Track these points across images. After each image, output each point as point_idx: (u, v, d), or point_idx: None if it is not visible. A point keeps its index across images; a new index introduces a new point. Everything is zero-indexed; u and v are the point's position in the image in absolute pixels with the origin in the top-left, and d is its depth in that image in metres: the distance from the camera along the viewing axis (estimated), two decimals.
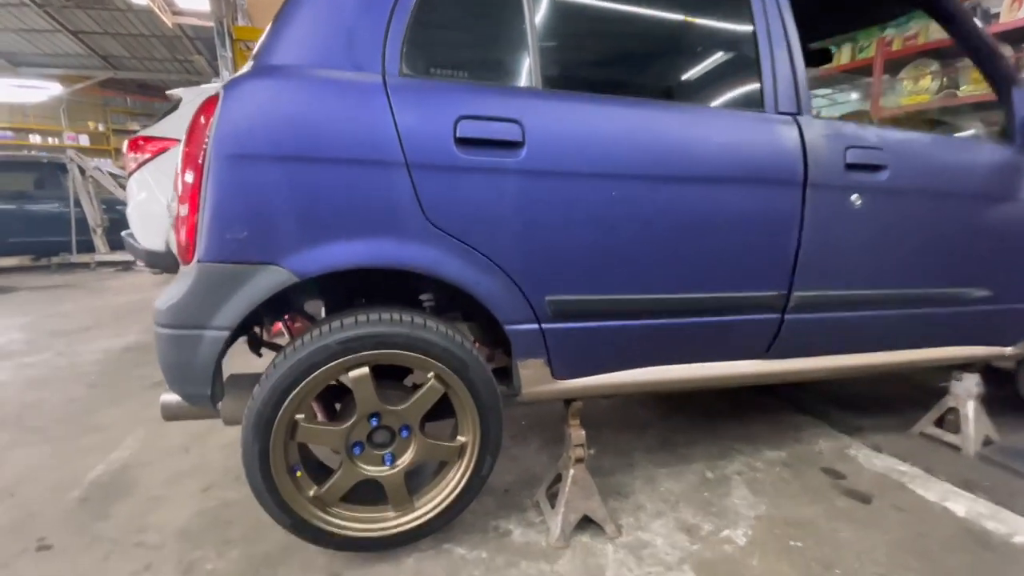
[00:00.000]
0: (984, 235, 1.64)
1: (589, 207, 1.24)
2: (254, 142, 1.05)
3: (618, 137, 1.25)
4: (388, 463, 1.27)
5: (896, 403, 2.33)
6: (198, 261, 1.08)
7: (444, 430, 1.38)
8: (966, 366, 1.89)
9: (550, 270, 1.25)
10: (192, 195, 1.08)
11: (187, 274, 1.10)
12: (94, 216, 6.67)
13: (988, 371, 1.98)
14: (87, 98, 11.10)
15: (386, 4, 1.15)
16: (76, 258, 6.82)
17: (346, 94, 1.10)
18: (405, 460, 1.28)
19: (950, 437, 1.92)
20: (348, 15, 1.13)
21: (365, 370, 1.19)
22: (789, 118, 1.41)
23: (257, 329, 1.47)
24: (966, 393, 1.89)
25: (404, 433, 1.26)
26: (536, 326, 1.28)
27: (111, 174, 6.89)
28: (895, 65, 3.35)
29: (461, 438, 1.31)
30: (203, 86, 3.85)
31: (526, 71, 1.26)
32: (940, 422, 2.00)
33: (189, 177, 1.09)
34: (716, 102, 1.45)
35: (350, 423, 1.21)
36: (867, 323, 1.58)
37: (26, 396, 2.49)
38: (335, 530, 1.25)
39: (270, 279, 1.09)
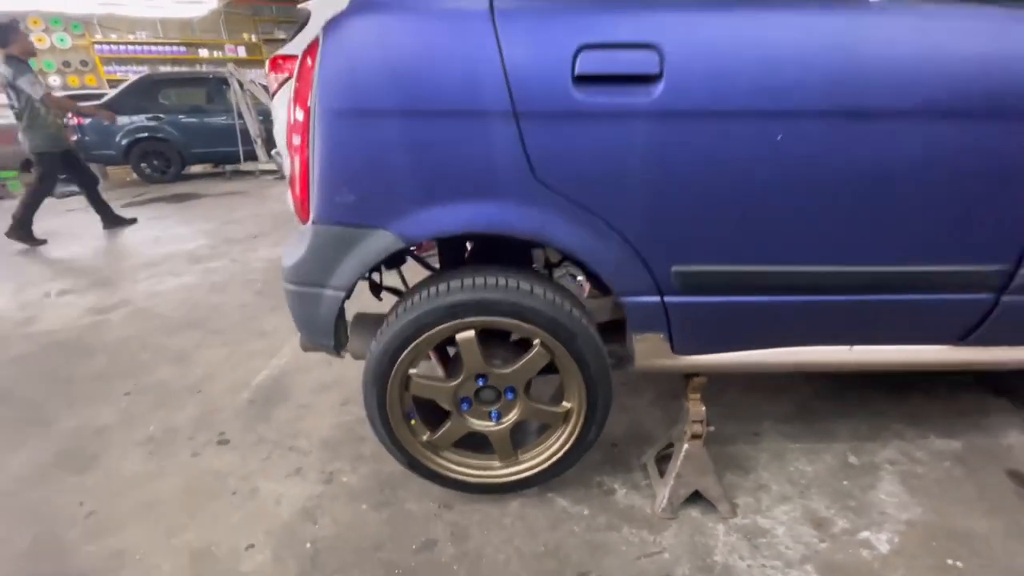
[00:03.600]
0: None
1: (743, 156, 0.99)
2: (354, 96, 0.98)
3: (797, 57, 0.94)
4: (494, 419, 1.28)
5: None
6: (312, 223, 1.08)
7: (551, 387, 1.34)
8: None
9: (681, 236, 1.06)
10: (302, 150, 1.06)
11: (305, 235, 1.12)
12: (254, 127, 7.40)
13: None
14: (240, 9, 11.90)
15: None
16: (244, 166, 7.76)
17: (445, 30, 0.95)
18: (510, 419, 1.28)
19: None
20: None
21: (471, 333, 1.16)
22: None
23: (375, 275, 1.50)
24: None
25: (509, 395, 1.25)
26: (657, 299, 1.12)
27: (263, 86, 7.47)
28: None
29: (567, 404, 1.27)
30: None
31: None
32: None
33: (298, 130, 1.06)
34: None
35: (458, 381, 1.22)
36: None
37: (211, 299, 2.98)
38: (446, 472, 1.32)
39: (379, 243, 1.07)
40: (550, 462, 1.31)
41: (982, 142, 0.98)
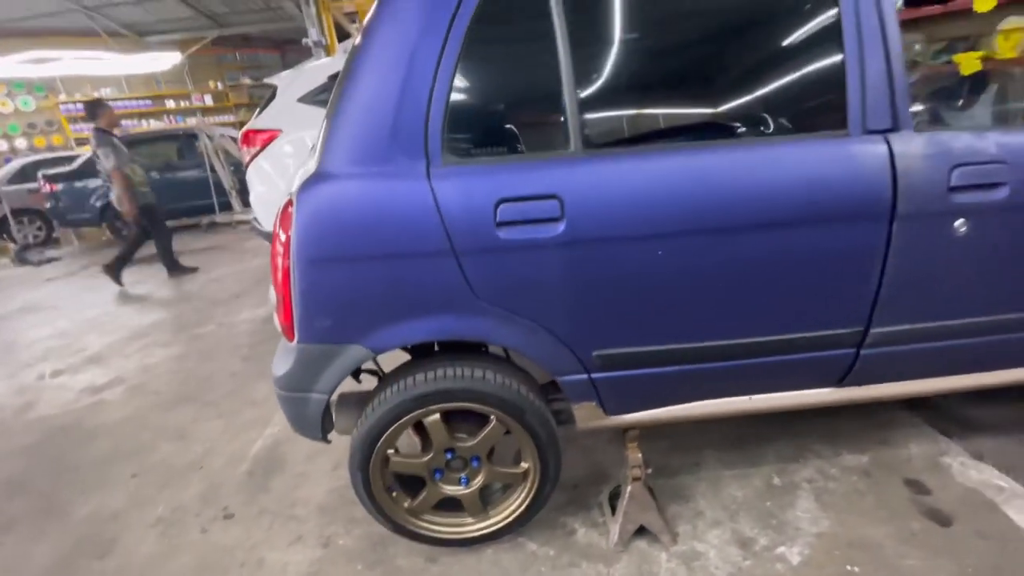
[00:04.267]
0: None
1: (633, 269, 1.25)
2: (323, 248, 1.21)
3: (663, 194, 1.21)
4: (464, 484, 1.51)
5: (1016, 399, 2.08)
6: (297, 342, 1.31)
7: (515, 447, 1.58)
8: None
9: (596, 329, 1.31)
10: (284, 285, 1.29)
11: (291, 350, 1.35)
12: (227, 179, 7.56)
13: None
14: (204, 59, 12.07)
15: (421, 100, 1.18)
16: (219, 218, 7.90)
17: (393, 194, 1.20)
18: (477, 482, 1.50)
19: None
20: (387, 117, 1.19)
21: (436, 417, 1.39)
22: (878, 138, 1.23)
23: None
24: None
25: (475, 463, 1.48)
26: (585, 376, 1.37)
27: (232, 138, 7.66)
28: None
29: (524, 464, 1.50)
30: (293, 71, 4.06)
31: (565, 135, 1.23)
32: None
33: (280, 268, 1.29)
34: (786, 130, 1.29)
35: (429, 457, 1.45)
36: (974, 348, 1.43)
37: (202, 369, 3.15)
38: (427, 532, 1.55)
39: (353, 356, 1.30)
40: (516, 515, 1.54)
41: (818, 243, 1.25)
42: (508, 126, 1.30)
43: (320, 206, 1.21)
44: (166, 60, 10.26)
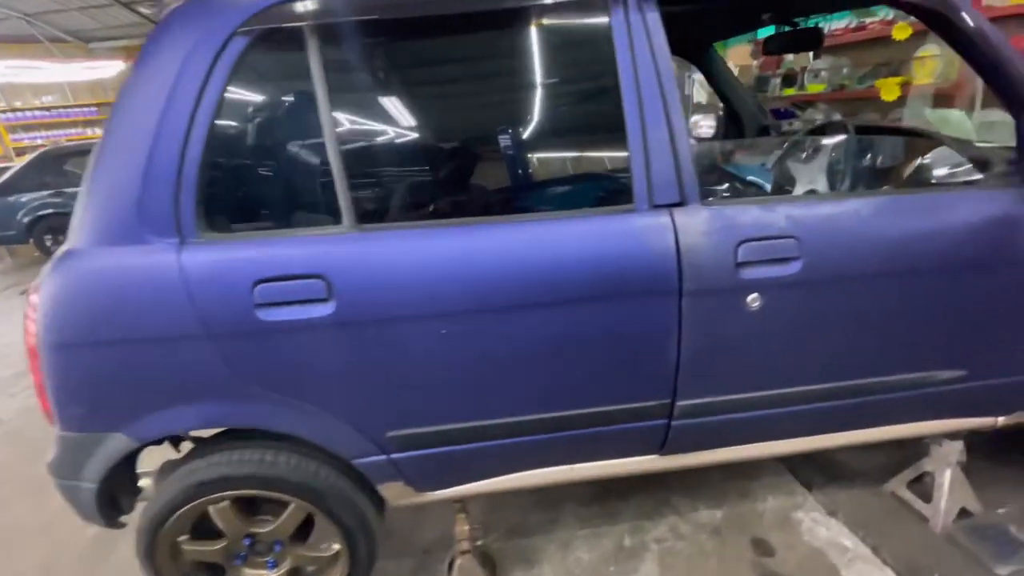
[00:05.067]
0: (960, 311, 1.32)
1: (416, 349, 1.18)
2: (67, 331, 1.11)
3: (442, 272, 1.14)
4: (271, 567, 1.42)
5: (888, 448, 2.07)
6: (58, 430, 1.21)
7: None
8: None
9: (385, 410, 1.24)
10: (36, 371, 1.18)
11: (56, 438, 1.24)
12: None
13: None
14: None
15: (170, 171, 1.09)
16: None
17: (139, 274, 1.10)
18: (284, 566, 1.41)
19: (920, 505, 1.71)
20: (134, 189, 1.09)
21: (225, 504, 1.30)
22: (663, 213, 1.18)
23: None
24: (944, 460, 1.64)
25: (277, 547, 1.39)
26: (384, 457, 1.29)
27: None
28: None
29: (336, 546, 1.41)
30: None
31: (335, 208, 1.16)
32: (919, 480, 1.77)
33: (31, 352, 1.18)
34: (577, 204, 1.24)
35: (224, 544, 1.35)
36: (791, 417, 1.39)
37: None
38: None
39: (116, 445, 1.20)
40: None
41: (610, 319, 1.20)
42: (275, 199, 1.22)
43: (62, 288, 1.11)
44: (110, 68, 9.95)
